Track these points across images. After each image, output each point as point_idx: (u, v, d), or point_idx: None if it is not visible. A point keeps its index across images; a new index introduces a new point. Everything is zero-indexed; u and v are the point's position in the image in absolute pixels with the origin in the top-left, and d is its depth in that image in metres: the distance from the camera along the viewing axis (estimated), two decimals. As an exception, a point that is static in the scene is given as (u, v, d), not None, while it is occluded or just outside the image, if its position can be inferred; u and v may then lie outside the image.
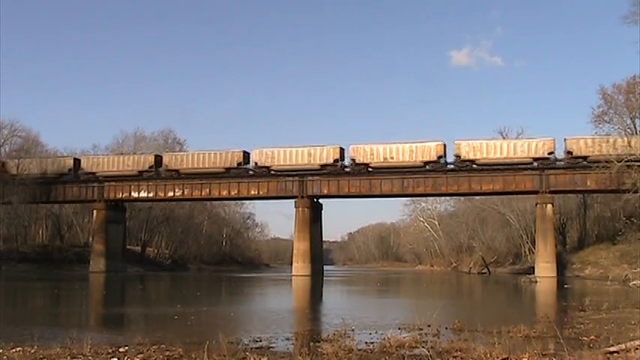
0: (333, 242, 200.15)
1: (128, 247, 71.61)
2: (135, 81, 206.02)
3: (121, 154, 69.58)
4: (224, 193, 63.71)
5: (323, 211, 63.87)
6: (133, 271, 66.10)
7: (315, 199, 61.40)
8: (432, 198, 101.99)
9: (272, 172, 59.73)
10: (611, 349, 10.26)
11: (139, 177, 63.48)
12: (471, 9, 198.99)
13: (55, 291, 34.60)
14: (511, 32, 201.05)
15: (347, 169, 58.44)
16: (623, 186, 48.36)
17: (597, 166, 49.37)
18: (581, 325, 15.46)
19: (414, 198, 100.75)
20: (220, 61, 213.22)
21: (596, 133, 53.68)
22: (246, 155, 60.93)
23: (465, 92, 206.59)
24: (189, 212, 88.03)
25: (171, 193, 63.95)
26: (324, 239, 70.90)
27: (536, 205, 56.59)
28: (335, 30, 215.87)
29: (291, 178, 59.91)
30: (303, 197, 59.58)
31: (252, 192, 62.35)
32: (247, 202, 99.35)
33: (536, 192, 55.24)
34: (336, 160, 57.97)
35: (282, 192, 61.00)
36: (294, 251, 60.97)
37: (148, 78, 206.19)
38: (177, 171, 62.17)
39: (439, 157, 55.75)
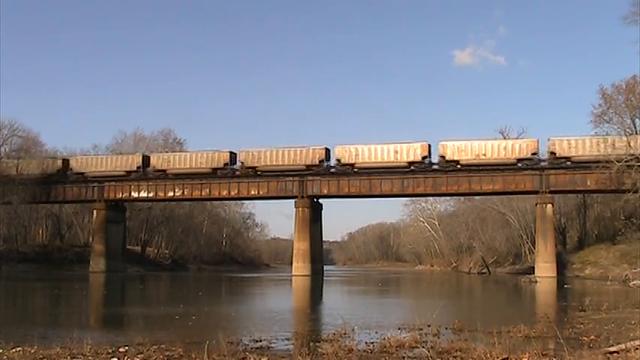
0: (333, 242, 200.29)
1: (128, 247, 71.62)
2: (135, 81, 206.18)
3: (194, 151, 65.66)
4: (224, 193, 63.67)
5: (323, 211, 63.90)
6: (132, 271, 66.09)
7: (315, 199, 61.38)
8: (432, 198, 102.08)
9: (355, 170, 58.11)
10: (611, 349, 10.26)
11: (214, 175, 61.69)
12: (475, 8, 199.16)
13: (55, 291, 34.60)
14: (514, 32, 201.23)
15: (435, 167, 57.02)
16: (623, 186, 48.38)
17: (597, 166, 49.39)
18: (581, 325, 15.46)
19: (414, 198, 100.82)
20: (220, 61, 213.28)
21: (596, 133, 53.78)
22: (327, 152, 59.26)
23: (468, 92, 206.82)
24: (189, 212, 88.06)
25: (171, 193, 63.89)
26: (324, 239, 70.91)
27: (536, 205, 56.56)
28: (337, 29, 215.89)
29: (291, 178, 59.86)
30: (303, 197, 59.55)
31: (252, 192, 62.29)
32: (247, 202, 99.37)
33: (536, 192, 55.22)
34: (424, 158, 56.40)
35: (282, 192, 60.96)
36: (294, 251, 60.95)
37: (147, 78, 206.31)
38: (254, 168, 60.29)
39: (533, 154, 54.45)
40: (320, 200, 62.51)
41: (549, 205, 54.58)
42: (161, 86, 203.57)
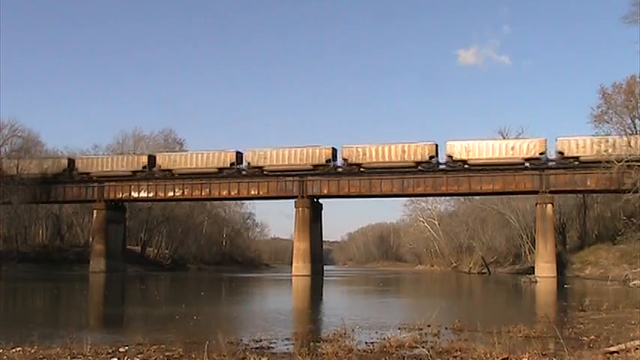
0: (333, 242, 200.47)
1: (128, 247, 71.58)
2: (135, 80, 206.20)
3: (292, 146, 60.67)
4: (224, 193, 63.65)
5: (323, 211, 63.86)
6: (132, 271, 66.06)
7: (315, 199, 61.35)
8: (432, 198, 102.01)
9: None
10: (611, 349, 10.27)
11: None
12: (479, 7, 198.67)
13: (55, 291, 34.62)
14: (519, 30, 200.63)
15: (552, 163, 55.16)
16: (624, 186, 48.32)
17: (597, 166, 49.34)
18: (581, 325, 15.47)
19: (414, 198, 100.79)
20: (219, 60, 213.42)
21: (596, 133, 53.68)
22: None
23: (472, 91, 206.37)
24: (189, 212, 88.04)
25: (171, 193, 63.86)
26: (324, 239, 70.87)
27: (536, 205, 56.54)
28: (339, 27, 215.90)
29: (291, 178, 59.84)
30: (303, 197, 59.51)
31: (252, 192, 62.25)
32: (247, 202, 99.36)
33: (536, 192, 55.20)
34: (542, 153, 54.69)
35: (282, 192, 60.92)
36: (294, 251, 60.93)
37: (147, 77, 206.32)
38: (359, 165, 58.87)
39: None
40: (320, 200, 62.49)
41: (549, 205, 54.55)
42: (161, 85, 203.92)
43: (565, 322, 16.66)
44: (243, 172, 61.15)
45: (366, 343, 12.25)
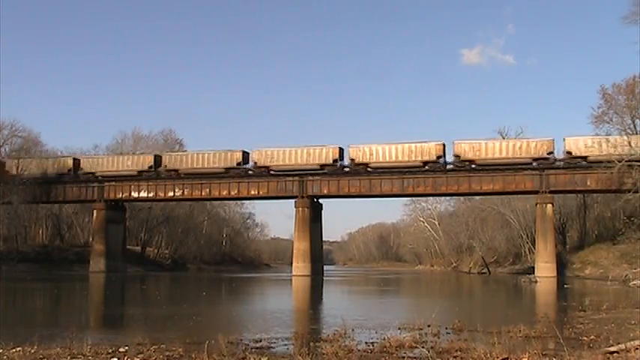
0: (333, 242, 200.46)
1: (128, 247, 71.57)
2: (134, 80, 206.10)
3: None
4: (224, 193, 63.63)
5: (323, 211, 63.85)
6: (132, 271, 66.06)
7: (315, 199, 61.34)
8: (432, 198, 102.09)
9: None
10: (611, 349, 10.27)
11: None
12: (484, 6, 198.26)
13: (55, 291, 34.61)
14: (523, 30, 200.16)
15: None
16: (624, 186, 48.33)
17: (598, 166, 49.34)
18: (581, 325, 15.47)
19: (414, 198, 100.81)
20: (219, 59, 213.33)
21: (596, 133, 53.67)
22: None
23: (475, 91, 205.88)
24: (189, 212, 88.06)
25: (171, 193, 63.85)
26: (324, 239, 70.85)
27: (536, 205, 56.53)
28: (341, 26, 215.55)
29: (291, 178, 59.79)
30: (303, 197, 59.50)
31: (252, 192, 62.24)
32: (247, 202, 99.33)
33: (536, 192, 55.20)
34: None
35: (282, 192, 60.91)
36: (294, 251, 60.93)
37: (147, 77, 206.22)
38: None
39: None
40: (320, 200, 62.47)
41: (549, 205, 54.54)
42: (160, 85, 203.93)
43: (565, 322, 16.66)
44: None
45: (366, 343, 12.25)
